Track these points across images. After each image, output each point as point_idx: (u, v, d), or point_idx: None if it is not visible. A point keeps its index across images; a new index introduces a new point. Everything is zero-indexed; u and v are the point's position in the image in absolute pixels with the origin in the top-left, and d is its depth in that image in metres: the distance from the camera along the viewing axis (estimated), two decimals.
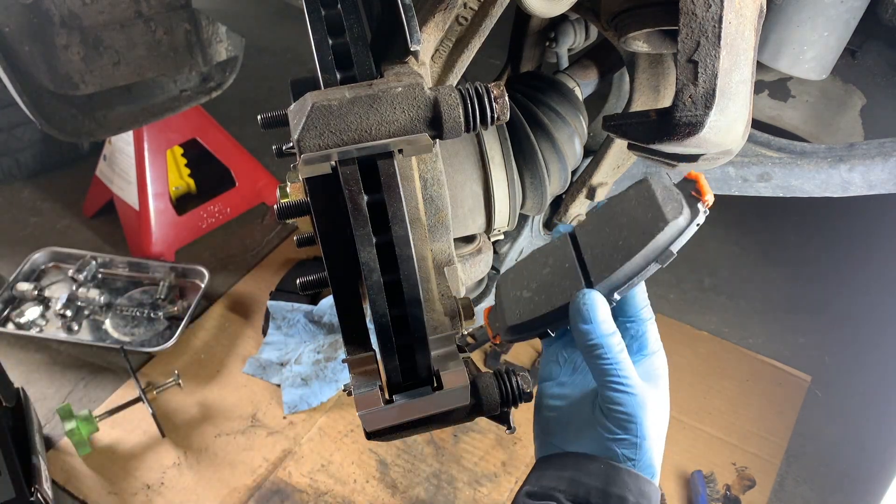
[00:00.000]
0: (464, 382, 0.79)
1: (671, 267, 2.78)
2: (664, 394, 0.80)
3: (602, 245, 0.77)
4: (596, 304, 0.75)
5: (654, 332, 0.82)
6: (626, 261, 0.72)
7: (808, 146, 1.42)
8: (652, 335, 0.82)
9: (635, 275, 0.74)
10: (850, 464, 2.02)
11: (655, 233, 0.71)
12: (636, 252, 0.72)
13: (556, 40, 1.53)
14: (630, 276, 0.74)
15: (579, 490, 0.75)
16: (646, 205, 0.75)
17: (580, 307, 0.76)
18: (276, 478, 1.96)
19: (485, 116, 0.70)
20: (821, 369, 2.27)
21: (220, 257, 2.67)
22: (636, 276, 0.74)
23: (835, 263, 2.66)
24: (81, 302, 2.40)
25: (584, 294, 0.76)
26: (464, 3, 0.97)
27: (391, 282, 0.73)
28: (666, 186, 0.75)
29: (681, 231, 0.71)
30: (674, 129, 0.88)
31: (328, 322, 2.33)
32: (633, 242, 0.73)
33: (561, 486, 0.76)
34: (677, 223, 0.70)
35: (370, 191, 0.70)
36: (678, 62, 0.86)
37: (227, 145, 2.73)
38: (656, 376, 0.80)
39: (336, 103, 0.66)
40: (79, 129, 2.04)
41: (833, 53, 1.27)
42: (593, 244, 0.79)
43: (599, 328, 0.75)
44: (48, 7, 1.77)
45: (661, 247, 0.72)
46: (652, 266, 0.73)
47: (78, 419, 1.94)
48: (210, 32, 2.07)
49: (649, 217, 0.73)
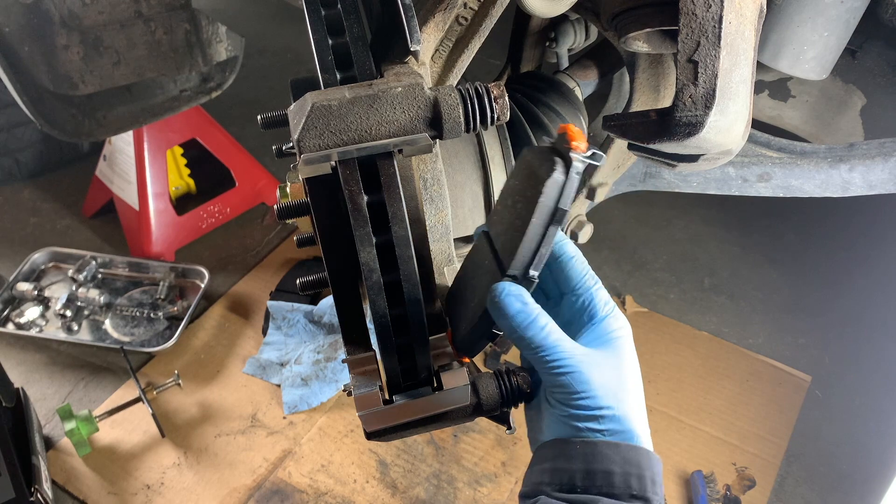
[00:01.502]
0: (464, 382, 0.79)
1: (671, 267, 2.75)
2: (622, 354, 0.76)
3: (505, 231, 0.76)
4: (508, 294, 0.73)
5: (601, 297, 0.79)
6: (523, 236, 0.71)
7: (808, 146, 1.42)
8: (599, 301, 0.78)
9: (538, 244, 0.71)
10: (850, 464, 2.02)
11: (538, 196, 0.70)
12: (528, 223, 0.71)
13: (556, 40, 1.53)
14: (533, 248, 0.71)
15: (563, 477, 0.72)
16: (525, 174, 0.74)
17: (495, 303, 0.73)
18: (276, 478, 1.96)
19: (485, 116, 0.70)
20: (821, 369, 2.27)
21: (220, 257, 2.67)
22: (541, 246, 0.71)
23: (835, 264, 2.66)
24: (81, 302, 2.40)
25: (494, 290, 0.74)
26: (464, 3, 0.97)
27: (391, 282, 0.73)
28: (539, 150, 0.74)
29: (561, 186, 0.69)
30: (674, 129, 0.88)
31: (328, 322, 2.33)
32: (525, 215, 0.71)
33: (545, 478, 0.74)
34: (554, 179, 0.69)
35: (370, 191, 0.70)
36: (678, 62, 0.86)
37: (227, 145, 2.73)
38: (608, 340, 0.77)
39: (336, 103, 0.66)
40: (79, 129, 2.04)
41: (833, 53, 1.27)
42: (500, 233, 0.78)
43: (517, 319, 0.73)
44: (48, 7, 1.77)
45: (550, 207, 0.70)
46: (551, 230, 0.71)
47: (78, 419, 1.94)
48: (210, 32, 2.07)
49: (531, 185, 0.72)
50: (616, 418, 0.73)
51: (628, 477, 0.71)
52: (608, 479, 0.71)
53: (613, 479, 0.71)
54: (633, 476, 0.71)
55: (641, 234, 2.80)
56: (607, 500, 0.70)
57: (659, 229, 2.83)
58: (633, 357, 0.78)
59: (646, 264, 2.67)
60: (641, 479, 0.71)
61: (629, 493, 0.71)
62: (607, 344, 0.76)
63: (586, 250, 0.86)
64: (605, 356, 0.75)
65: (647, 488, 0.71)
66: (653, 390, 2.19)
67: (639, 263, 2.67)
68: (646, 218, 2.86)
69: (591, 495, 0.71)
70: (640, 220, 2.85)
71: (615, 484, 0.71)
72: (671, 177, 1.49)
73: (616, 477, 0.71)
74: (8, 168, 2.91)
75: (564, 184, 0.70)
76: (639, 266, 2.65)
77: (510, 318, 0.73)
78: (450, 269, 1.01)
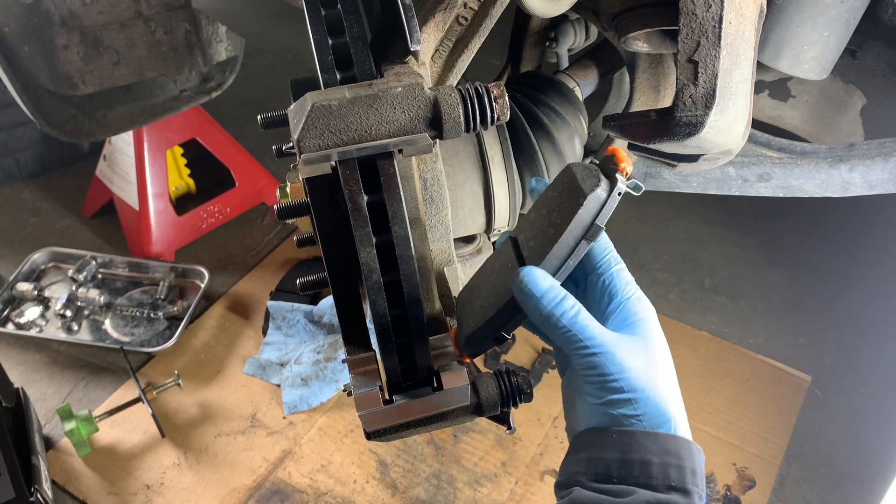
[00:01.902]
0: (464, 383, 0.79)
1: (671, 267, 2.75)
2: (650, 337, 0.74)
3: (535, 237, 0.77)
4: (536, 277, 0.72)
5: (623, 279, 0.77)
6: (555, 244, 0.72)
7: (808, 146, 1.42)
8: (621, 282, 0.76)
9: (567, 255, 0.72)
10: (850, 464, 2.02)
11: (577, 209, 0.71)
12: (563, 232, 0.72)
13: (556, 40, 1.53)
14: (562, 257, 0.72)
15: (599, 467, 0.70)
16: (567, 188, 0.75)
17: (521, 287, 0.72)
18: (276, 478, 1.96)
19: (485, 116, 0.70)
20: (821, 369, 2.27)
21: (220, 257, 2.67)
22: (569, 258, 0.72)
23: (835, 264, 2.66)
24: (81, 302, 2.40)
25: (520, 272, 0.73)
26: (464, 3, 0.97)
27: (391, 282, 0.73)
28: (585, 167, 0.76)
29: (602, 203, 0.71)
30: (674, 129, 0.88)
31: (328, 322, 2.33)
32: (560, 225, 0.72)
33: (581, 468, 0.71)
34: (596, 195, 0.70)
35: (370, 191, 0.70)
36: (678, 62, 0.86)
37: (227, 145, 2.73)
38: (634, 322, 0.75)
39: (336, 103, 0.66)
40: (79, 129, 2.04)
41: (833, 53, 1.27)
42: (528, 239, 0.79)
43: (546, 299, 0.71)
44: (48, 7, 1.77)
45: (586, 222, 0.71)
46: (582, 244, 0.72)
47: (78, 419, 1.94)
48: (210, 32, 2.07)
49: (571, 198, 0.73)
50: (651, 402, 0.70)
51: (667, 467, 0.68)
52: (646, 469, 0.68)
53: (651, 470, 0.68)
54: (672, 467, 0.68)
55: (641, 234, 2.80)
56: (644, 491, 0.67)
57: (659, 229, 2.83)
58: (662, 341, 0.75)
59: (646, 264, 2.67)
60: (681, 471, 0.68)
61: (668, 484, 0.68)
62: (634, 327, 0.74)
63: None
64: (634, 340, 0.73)
65: (688, 480, 0.68)
66: None
67: (639, 263, 2.66)
68: (646, 218, 2.86)
69: (627, 486, 0.68)
70: (640, 220, 2.85)
71: (653, 475, 0.68)
72: (671, 177, 1.49)
73: (654, 467, 0.68)
74: (8, 168, 2.91)
75: (605, 201, 0.71)
76: (639, 266, 2.65)
77: (538, 298, 0.71)
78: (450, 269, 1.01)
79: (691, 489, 0.68)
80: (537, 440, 2.05)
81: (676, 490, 0.68)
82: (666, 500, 0.67)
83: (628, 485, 0.68)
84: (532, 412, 2.11)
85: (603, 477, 0.69)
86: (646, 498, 0.66)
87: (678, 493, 0.68)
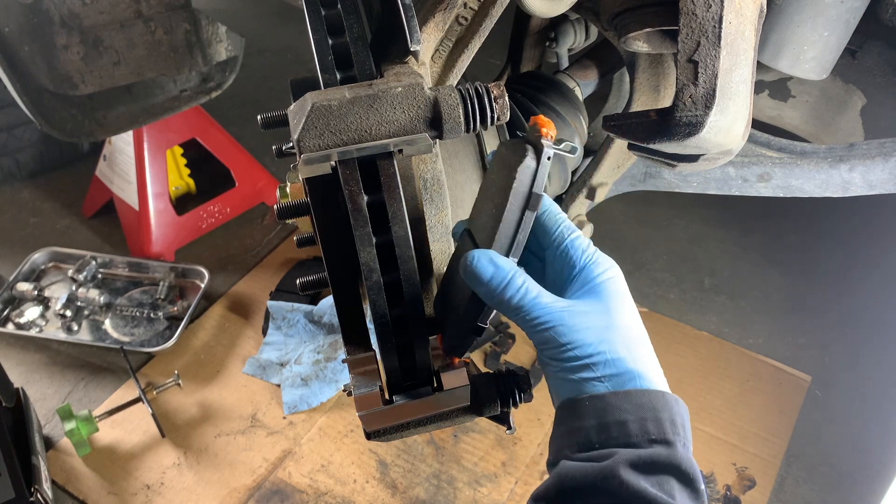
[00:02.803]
0: (464, 383, 0.79)
1: (671, 267, 2.74)
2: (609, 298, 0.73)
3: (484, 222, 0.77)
4: (479, 262, 0.71)
5: (578, 246, 0.75)
6: (500, 223, 0.72)
7: (808, 146, 1.42)
8: (576, 250, 0.75)
9: (514, 231, 0.72)
10: (850, 464, 2.02)
11: (511, 182, 0.71)
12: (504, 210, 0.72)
13: (556, 40, 1.53)
14: (510, 234, 0.73)
15: (579, 437, 0.69)
16: (500, 167, 0.77)
17: (468, 271, 0.72)
18: (276, 478, 1.96)
19: (485, 116, 0.70)
20: (821, 369, 2.27)
21: (220, 257, 2.67)
22: (518, 232, 0.72)
23: (835, 263, 2.66)
24: (81, 302, 2.40)
25: (465, 258, 0.72)
26: (464, 3, 0.97)
27: (391, 282, 0.73)
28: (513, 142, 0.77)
29: (534, 171, 0.71)
30: (674, 129, 0.88)
31: (328, 322, 2.33)
32: (500, 203, 0.73)
33: (563, 442, 0.71)
34: (525, 164, 0.71)
35: (370, 191, 0.70)
36: (678, 62, 0.86)
37: (227, 145, 2.73)
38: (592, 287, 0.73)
39: (336, 103, 0.66)
40: (79, 129, 2.04)
41: (833, 53, 1.27)
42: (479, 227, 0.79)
43: (493, 282, 0.71)
44: (48, 7, 1.77)
45: (524, 193, 0.72)
46: (527, 216, 0.72)
47: (78, 419, 1.94)
48: (210, 32, 2.07)
49: (504, 174, 0.74)
50: (611, 362, 0.69)
51: (644, 422, 0.67)
52: (623, 429, 0.67)
53: (629, 428, 0.67)
54: (650, 420, 0.67)
55: (641, 234, 2.80)
56: (625, 450, 0.66)
57: (659, 229, 2.83)
58: (623, 298, 0.74)
59: (646, 264, 2.66)
60: (659, 423, 0.68)
61: (647, 438, 0.67)
62: (593, 291, 0.73)
63: None
64: (591, 304, 0.72)
65: (667, 430, 0.68)
66: None
67: (639, 263, 2.66)
68: (646, 218, 2.86)
69: (608, 449, 0.67)
70: (640, 220, 2.85)
71: (632, 433, 0.67)
72: (671, 177, 1.49)
73: (631, 425, 0.67)
74: (8, 168, 2.91)
75: (536, 169, 0.71)
76: (639, 266, 2.65)
77: (485, 283, 0.71)
78: None
79: (672, 439, 0.68)
80: (537, 440, 2.05)
81: (657, 442, 0.67)
82: (648, 455, 0.66)
83: (610, 447, 0.67)
84: (532, 412, 2.11)
85: (585, 445, 0.69)
86: (626, 456, 0.66)
87: (660, 445, 0.67)
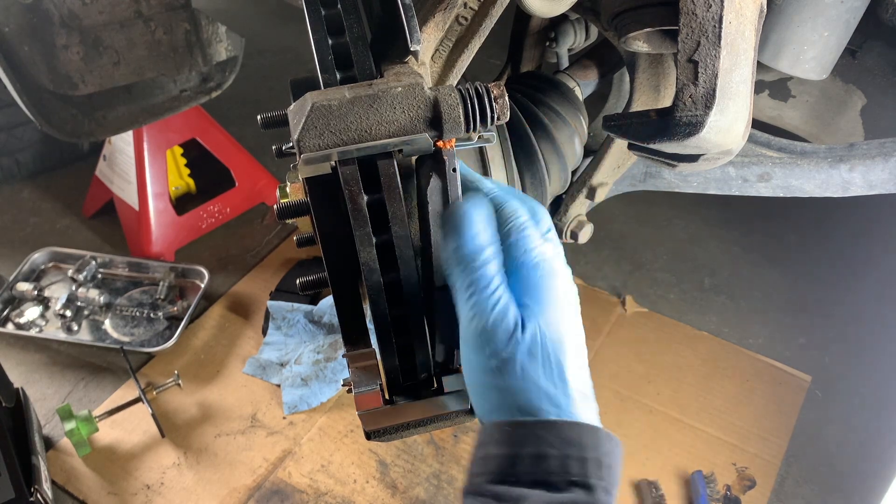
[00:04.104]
0: (463, 385, 0.78)
1: (671, 267, 2.73)
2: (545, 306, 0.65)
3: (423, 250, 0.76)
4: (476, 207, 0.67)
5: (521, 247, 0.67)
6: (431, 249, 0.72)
7: (808, 146, 1.42)
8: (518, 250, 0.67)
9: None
10: (850, 464, 2.02)
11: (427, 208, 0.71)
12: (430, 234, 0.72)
13: (556, 40, 1.52)
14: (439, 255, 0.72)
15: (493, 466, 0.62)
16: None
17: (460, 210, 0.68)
18: (276, 478, 1.96)
19: (485, 116, 0.70)
20: (821, 369, 2.27)
21: (220, 257, 2.67)
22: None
23: (835, 264, 2.66)
24: (81, 302, 2.40)
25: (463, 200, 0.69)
26: (464, 3, 0.97)
27: (391, 282, 0.73)
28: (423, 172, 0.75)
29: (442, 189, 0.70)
30: (674, 129, 0.88)
31: (328, 322, 2.33)
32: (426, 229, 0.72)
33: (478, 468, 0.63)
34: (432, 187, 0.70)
35: (370, 191, 0.70)
36: (678, 62, 0.86)
37: (227, 145, 2.73)
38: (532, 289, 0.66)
39: (336, 103, 0.66)
40: (79, 129, 2.04)
41: (833, 53, 1.27)
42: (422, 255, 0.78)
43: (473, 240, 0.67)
44: (48, 7, 1.77)
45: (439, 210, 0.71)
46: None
47: (78, 419, 1.93)
48: (210, 32, 2.07)
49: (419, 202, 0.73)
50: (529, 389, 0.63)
51: (566, 460, 0.60)
52: (542, 464, 0.60)
53: (549, 465, 0.60)
54: (573, 459, 0.60)
55: (641, 234, 2.80)
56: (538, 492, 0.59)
57: (659, 229, 2.83)
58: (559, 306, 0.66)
59: (646, 264, 2.66)
60: (583, 463, 0.60)
61: (567, 479, 0.60)
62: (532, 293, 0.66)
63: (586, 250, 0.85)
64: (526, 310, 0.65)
65: (591, 473, 0.60)
66: (653, 390, 2.19)
67: (639, 263, 2.66)
68: (646, 218, 2.86)
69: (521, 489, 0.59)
70: (640, 220, 2.85)
71: (551, 469, 0.60)
72: (671, 177, 1.49)
73: (552, 461, 0.60)
74: (8, 168, 2.91)
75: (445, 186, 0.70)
76: (639, 266, 2.65)
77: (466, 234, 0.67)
78: None
79: (594, 483, 0.60)
80: None
81: (577, 486, 0.60)
82: (563, 502, 0.59)
83: (524, 484, 0.60)
84: None
85: (499, 476, 0.61)
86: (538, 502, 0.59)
87: (580, 489, 0.60)
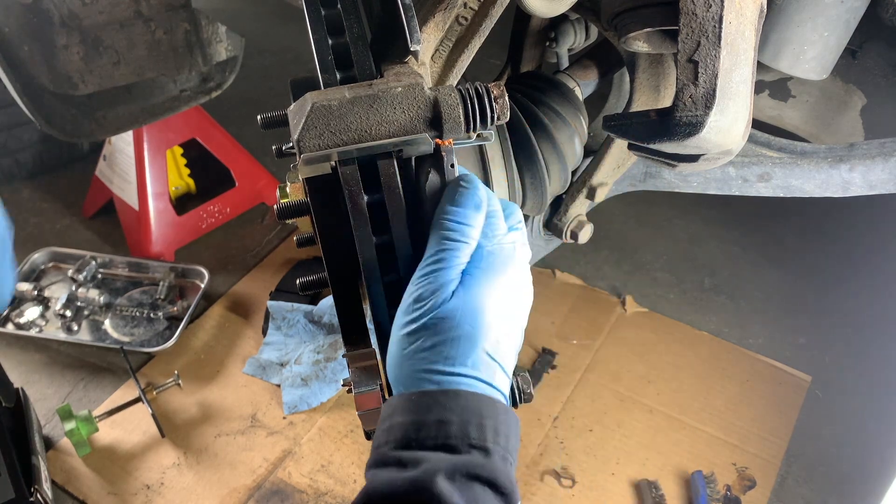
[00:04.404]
0: None
1: (671, 267, 2.73)
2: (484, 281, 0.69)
3: None
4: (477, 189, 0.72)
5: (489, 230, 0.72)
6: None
7: (808, 146, 1.42)
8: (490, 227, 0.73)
9: None
10: (850, 464, 2.02)
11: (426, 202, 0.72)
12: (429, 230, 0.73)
13: (556, 40, 1.52)
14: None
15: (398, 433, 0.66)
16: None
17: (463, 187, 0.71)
18: (276, 478, 1.96)
19: (485, 116, 0.70)
20: (821, 369, 2.27)
21: (220, 257, 2.67)
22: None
23: (835, 264, 2.66)
24: (81, 302, 2.40)
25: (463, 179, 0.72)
26: (464, 3, 0.97)
27: (391, 282, 0.73)
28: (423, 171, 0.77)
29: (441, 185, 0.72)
30: (674, 129, 0.88)
31: (328, 322, 2.33)
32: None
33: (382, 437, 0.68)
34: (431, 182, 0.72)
35: (370, 191, 0.70)
36: (678, 62, 0.86)
37: (227, 145, 2.73)
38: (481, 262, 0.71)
39: (336, 103, 0.66)
40: (79, 129, 2.04)
41: (833, 53, 1.27)
42: None
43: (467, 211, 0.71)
44: (48, 7, 1.77)
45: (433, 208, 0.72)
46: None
47: (78, 419, 1.93)
48: (210, 32, 2.07)
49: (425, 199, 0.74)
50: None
51: (466, 426, 0.64)
52: (443, 429, 0.64)
53: (450, 430, 0.64)
54: (473, 425, 0.65)
55: (641, 234, 2.80)
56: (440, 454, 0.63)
57: (659, 229, 2.83)
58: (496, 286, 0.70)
59: (646, 264, 2.66)
60: (482, 428, 0.65)
61: (467, 442, 0.64)
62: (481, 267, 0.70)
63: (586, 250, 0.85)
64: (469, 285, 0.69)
65: (488, 438, 0.65)
66: (653, 390, 2.19)
67: (639, 263, 2.66)
68: (646, 218, 2.86)
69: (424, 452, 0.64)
70: (640, 220, 2.85)
71: (452, 434, 0.64)
72: (671, 177, 1.49)
73: (453, 427, 0.64)
74: (8, 168, 2.91)
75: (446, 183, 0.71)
76: (639, 266, 2.65)
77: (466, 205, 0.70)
78: None
79: (491, 448, 0.65)
80: (537, 440, 2.05)
81: (476, 448, 0.64)
82: (464, 463, 0.63)
83: (426, 447, 0.64)
84: (532, 412, 2.11)
85: (402, 442, 0.65)
86: (441, 464, 0.62)
87: (479, 452, 0.64)
